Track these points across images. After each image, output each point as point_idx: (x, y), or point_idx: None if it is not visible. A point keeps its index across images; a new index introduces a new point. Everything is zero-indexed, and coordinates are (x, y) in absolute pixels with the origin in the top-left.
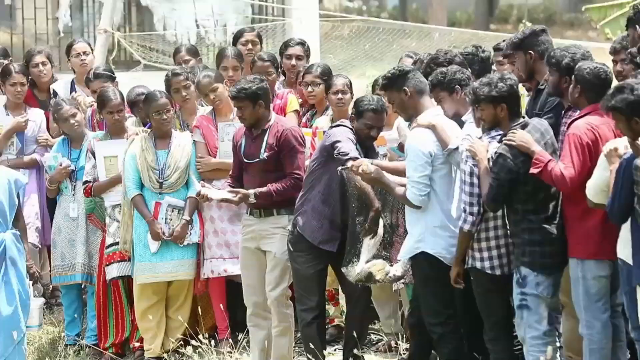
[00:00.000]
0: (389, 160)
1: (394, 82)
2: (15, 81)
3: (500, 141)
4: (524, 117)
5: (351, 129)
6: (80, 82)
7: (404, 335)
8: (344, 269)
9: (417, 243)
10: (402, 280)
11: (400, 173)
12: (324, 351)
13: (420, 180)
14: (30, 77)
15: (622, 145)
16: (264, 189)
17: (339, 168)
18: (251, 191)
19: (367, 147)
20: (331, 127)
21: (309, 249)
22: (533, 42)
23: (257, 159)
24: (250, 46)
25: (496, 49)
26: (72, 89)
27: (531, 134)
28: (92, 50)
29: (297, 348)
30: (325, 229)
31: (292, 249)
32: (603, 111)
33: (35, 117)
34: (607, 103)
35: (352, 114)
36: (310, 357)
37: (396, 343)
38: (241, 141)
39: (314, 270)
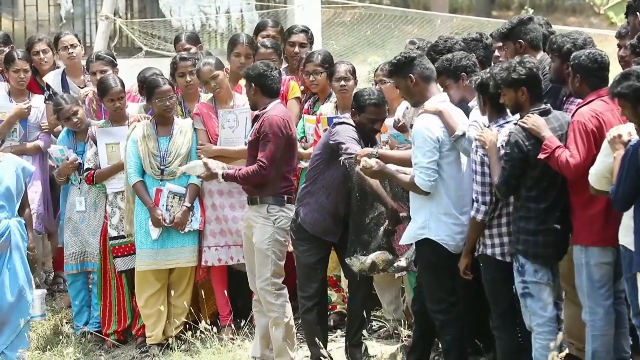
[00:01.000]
0: (389, 147)
1: (400, 69)
2: (19, 67)
3: (515, 124)
4: (546, 103)
5: (354, 126)
6: (71, 74)
7: (406, 322)
8: (347, 260)
9: (421, 229)
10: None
11: (407, 162)
12: (328, 337)
13: (429, 166)
14: (32, 64)
15: (626, 131)
16: (230, 171)
17: (342, 158)
18: (219, 170)
19: (371, 140)
20: (334, 124)
21: (310, 238)
22: (521, 31)
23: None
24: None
25: (494, 36)
26: (64, 81)
27: (550, 122)
28: (79, 42)
29: (300, 335)
30: (327, 222)
31: (294, 237)
32: (609, 97)
33: (38, 104)
34: (613, 89)
35: (352, 108)
36: (309, 343)
37: (397, 330)
38: None
39: (314, 258)
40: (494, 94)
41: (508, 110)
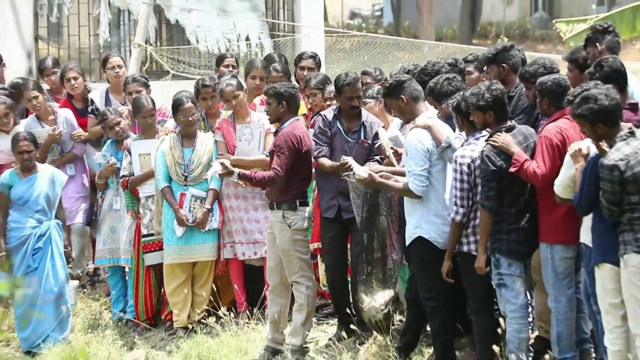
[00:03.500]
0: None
1: (392, 91)
2: (29, 97)
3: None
4: (511, 120)
5: (324, 117)
6: (114, 91)
7: (398, 310)
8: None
9: (414, 229)
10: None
11: (400, 174)
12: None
13: (421, 173)
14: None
15: (585, 146)
16: (246, 172)
17: (343, 175)
18: (236, 170)
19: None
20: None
21: (322, 219)
22: (505, 57)
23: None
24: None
25: (466, 60)
26: (107, 98)
27: (515, 137)
28: (124, 63)
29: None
30: (325, 200)
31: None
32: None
33: (65, 119)
34: (574, 111)
35: (334, 93)
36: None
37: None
38: None
39: (325, 237)
40: (467, 113)
41: None
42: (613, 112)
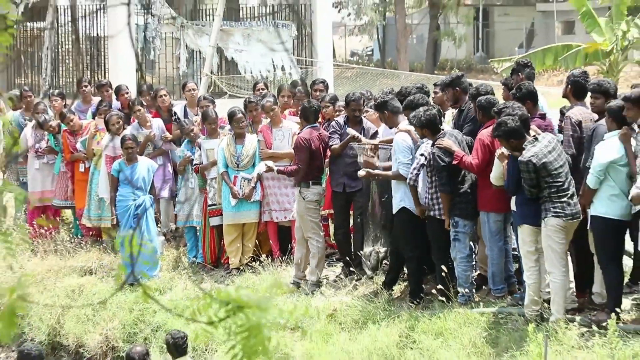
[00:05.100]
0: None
1: (379, 107)
2: (134, 110)
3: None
4: (442, 130)
5: (336, 121)
6: (190, 106)
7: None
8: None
9: (400, 202)
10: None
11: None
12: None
13: (407, 162)
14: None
15: (506, 150)
16: (281, 167)
17: (352, 145)
18: (275, 167)
19: (361, 130)
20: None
21: (332, 192)
22: (457, 83)
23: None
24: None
25: (435, 84)
26: (185, 111)
27: (448, 137)
28: (197, 87)
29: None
30: (334, 179)
31: None
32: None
33: (157, 125)
34: (494, 133)
35: (342, 106)
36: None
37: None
38: None
39: (335, 205)
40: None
41: None
42: (518, 130)
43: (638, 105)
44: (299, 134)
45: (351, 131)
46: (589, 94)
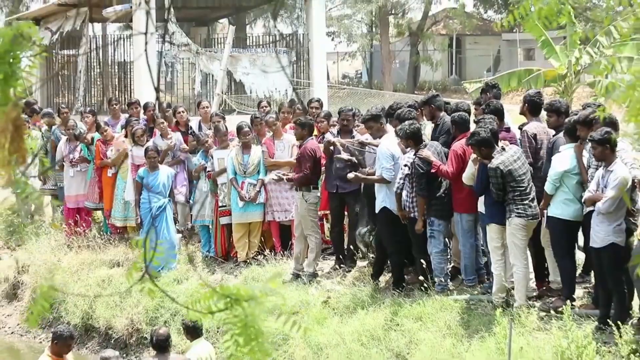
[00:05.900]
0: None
1: (369, 120)
2: (157, 123)
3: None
4: (424, 141)
5: (331, 132)
6: (204, 122)
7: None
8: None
9: (381, 203)
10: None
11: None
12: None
13: (390, 167)
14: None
15: (477, 156)
16: (289, 175)
17: (335, 155)
18: (284, 176)
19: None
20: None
21: (328, 194)
22: (433, 101)
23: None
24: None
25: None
26: (199, 126)
27: (427, 149)
28: (210, 105)
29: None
30: (329, 181)
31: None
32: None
33: (177, 138)
34: (467, 141)
35: (337, 120)
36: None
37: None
38: None
39: (330, 206)
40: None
41: None
42: (488, 140)
43: (586, 125)
44: (301, 145)
45: (329, 136)
46: (544, 112)
